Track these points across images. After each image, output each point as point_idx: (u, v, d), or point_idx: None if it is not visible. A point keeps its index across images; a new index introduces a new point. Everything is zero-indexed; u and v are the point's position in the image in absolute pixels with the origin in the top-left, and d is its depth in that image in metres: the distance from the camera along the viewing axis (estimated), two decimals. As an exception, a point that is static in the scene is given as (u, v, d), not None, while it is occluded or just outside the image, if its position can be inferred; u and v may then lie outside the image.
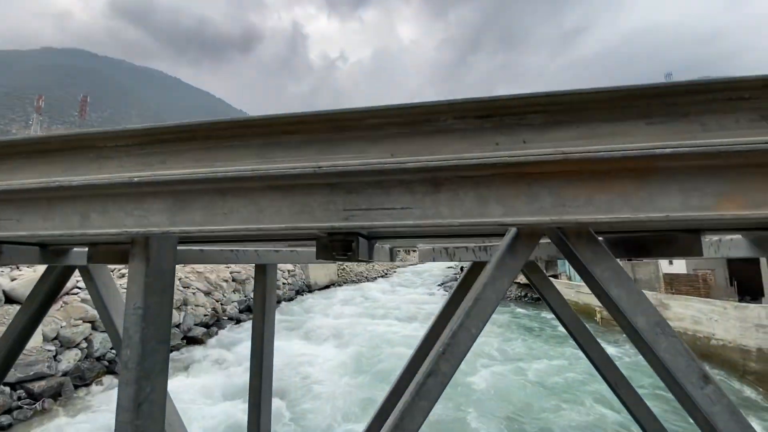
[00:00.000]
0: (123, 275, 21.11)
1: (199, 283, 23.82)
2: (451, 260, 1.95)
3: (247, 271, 28.18)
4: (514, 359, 16.54)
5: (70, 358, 13.35)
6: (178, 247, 1.84)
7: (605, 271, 1.02)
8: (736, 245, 1.48)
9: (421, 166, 1.04)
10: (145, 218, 1.25)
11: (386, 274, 72.90)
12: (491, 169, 1.04)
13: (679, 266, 20.91)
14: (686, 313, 16.74)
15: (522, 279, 36.37)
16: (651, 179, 1.00)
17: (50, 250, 1.84)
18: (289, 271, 38.40)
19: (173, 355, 17.21)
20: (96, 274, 2.02)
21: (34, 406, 11.44)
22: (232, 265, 29.89)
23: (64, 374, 12.91)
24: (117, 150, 1.29)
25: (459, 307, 1.10)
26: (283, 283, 35.21)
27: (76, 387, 13.06)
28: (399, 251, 2.21)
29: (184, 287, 22.00)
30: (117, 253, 1.69)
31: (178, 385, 13.12)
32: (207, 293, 23.82)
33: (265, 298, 2.17)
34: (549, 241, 1.68)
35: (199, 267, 26.25)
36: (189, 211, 1.23)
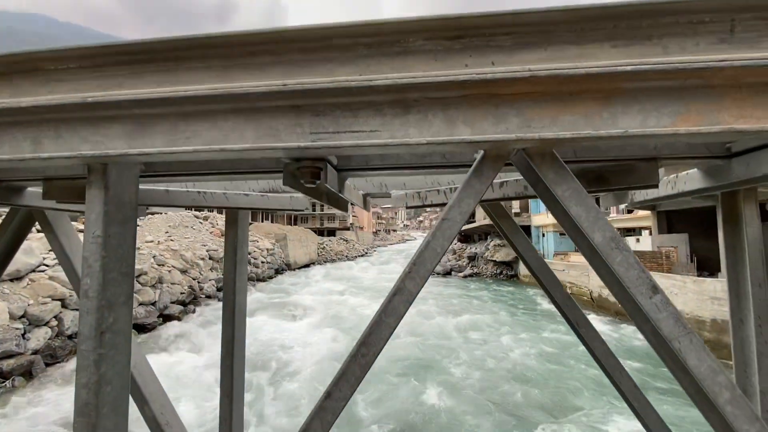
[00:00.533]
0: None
1: (175, 260, 23.34)
2: (423, 204, 1.97)
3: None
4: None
5: (39, 337, 12.97)
6: (142, 186, 1.77)
7: (567, 190, 1.05)
8: (692, 179, 1.55)
9: (390, 83, 1.02)
10: (102, 144, 1.19)
11: (366, 253, 73.50)
12: (460, 90, 1.04)
13: (645, 244, 21.97)
14: (650, 287, 17.71)
15: (497, 257, 37.45)
16: (614, 100, 1.02)
17: (2, 188, 1.73)
18: (267, 249, 38.08)
19: (149, 333, 16.96)
20: (55, 221, 1.93)
21: (4, 384, 11.15)
22: (209, 243, 29.34)
23: (35, 352, 12.58)
24: (68, 72, 1.21)
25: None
26: (262, 262, 34.93)
27: (48, 365, 12.76)
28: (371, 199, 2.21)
29: (159, 265, 21.51)
30: (74, 190, 1.60)
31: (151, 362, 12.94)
32: (183, 271, 23.40)
33: (236, 248, 2.13)
34: (516, 179, 1.72)
35: (174, 245, 25.64)
36: (149, 136, 1.17)
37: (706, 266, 18.79)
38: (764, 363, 1.69)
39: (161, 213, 33.69)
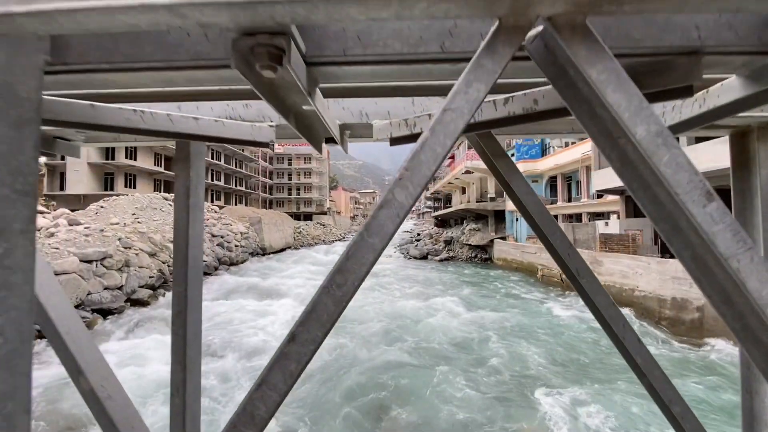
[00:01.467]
0: (51, 234, 19.10)
1: (143, 243, 22.28)
2: (412, 133, 1.68)
3: (195, 231, 26.55)
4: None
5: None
6: (56, 99, 1.41)
7: (603, 72, 0.82)
8: (728, 89, 1.34)
9: None
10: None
11: (344, 237, 73.24)
12: (470, -66, 0.78)
13: (613, 227, 22.78)
14: (616, 268, 18.40)
15: (472, 241, 37.97)
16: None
17: None
18: (241, 233, 37.16)
19: (119, 318, 16.12)
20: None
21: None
22: (179, 226, 28.15)
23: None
24: None
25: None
26: (236, 246, 34.09)
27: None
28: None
29: (125, 248, 20.47)
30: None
31: (117, 348, 12.34)
32: (152, 254, 22.41)
33: (188, 189, 1.72)
34: (524, 92, 1.48)
35: (142, 227, 24.47)
36: (44, -4, 0.85)
37: (669, 249, 19.65)
38: (773, 313, 1.57)
39: (127, 195, 32.06)
